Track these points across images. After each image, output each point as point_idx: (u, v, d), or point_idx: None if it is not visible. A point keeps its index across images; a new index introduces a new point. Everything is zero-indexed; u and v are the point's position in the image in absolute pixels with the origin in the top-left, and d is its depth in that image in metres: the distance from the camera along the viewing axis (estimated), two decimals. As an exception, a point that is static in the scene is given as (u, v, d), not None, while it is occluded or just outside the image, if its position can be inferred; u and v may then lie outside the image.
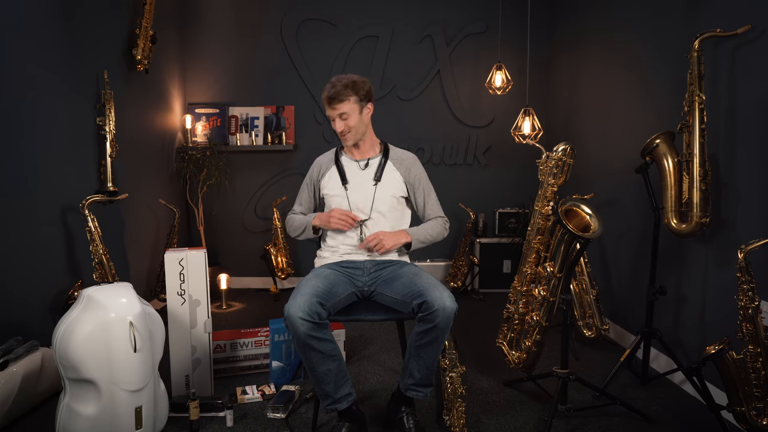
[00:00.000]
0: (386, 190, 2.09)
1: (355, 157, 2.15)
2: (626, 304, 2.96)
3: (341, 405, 1.87)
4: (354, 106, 2.02)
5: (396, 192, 2.11)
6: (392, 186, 2.11)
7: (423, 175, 2.17)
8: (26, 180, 2.41)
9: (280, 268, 4.06)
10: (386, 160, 2.13)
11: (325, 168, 2.18)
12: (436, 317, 1.75)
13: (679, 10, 2.46)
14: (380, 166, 2.11)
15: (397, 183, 2.12)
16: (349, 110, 2.02)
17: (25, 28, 2.41)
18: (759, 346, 1.76)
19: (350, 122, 2.03)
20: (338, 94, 2.01)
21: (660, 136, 2.26)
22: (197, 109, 4.19)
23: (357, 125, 2.05)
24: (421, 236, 2.10)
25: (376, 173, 2.10)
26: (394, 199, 2.10)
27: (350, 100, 2.01)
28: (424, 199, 2.16)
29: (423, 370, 1.88)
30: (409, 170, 2.14)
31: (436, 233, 2.13)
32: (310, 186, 2.21)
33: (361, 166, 2.12)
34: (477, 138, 4.26)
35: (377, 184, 2.09)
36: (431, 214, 2.17)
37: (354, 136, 2.07)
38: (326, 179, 2.16)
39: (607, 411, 2.16)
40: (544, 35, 4.15)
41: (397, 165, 2.13)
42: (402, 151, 2.20)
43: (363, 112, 2.06)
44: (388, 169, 2.12)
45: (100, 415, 1.73)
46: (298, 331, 1.75)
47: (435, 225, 2.14)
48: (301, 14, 4.16)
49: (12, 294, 2.32)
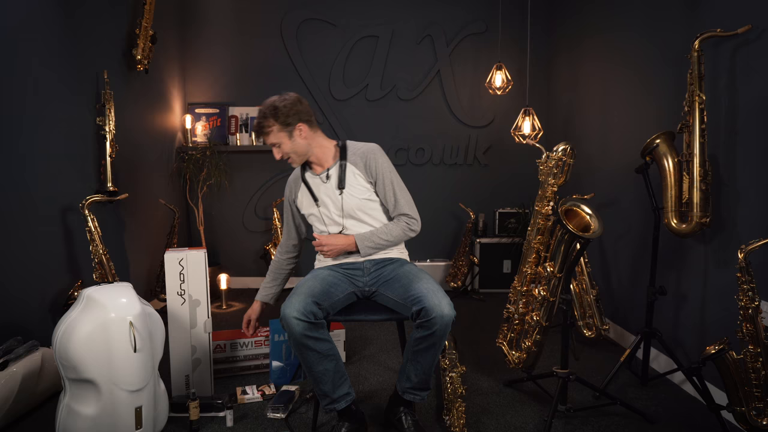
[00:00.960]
0: (351, 194, 2.00)
1: (316, 171, 2.05)
2: (626, 304, 2.96)
3: (339, 405, 1.88)
4: (280, 134, 1.94)
5: (359, 193, 2.00)
6: (356, 189, 2.00)
7: (386, 167, 2.01)
8: (26, 180, 2.41)
9: (280, 268, 4.06)
10: (345, 163, 2.02)
11: (295, 188, 2.12)
12: (434, 324, 1.75)
13: (679, 10, 2.46)
14: (341, 172, 2.00)
15: (356, 181, 2.00)
16: (277, 139, 1.95)
17: (26, 28, 2.41)
18: (759, 346, 1.76)
19: (284, 148, 1.97)
20: (260, 128, 1.95)
21: (660, 136, 2.26)
22: (197, 109, 4.19)
23: (293, 149, 1.97)
24: (372, 242, 1.98)
25: (338, 181, 2.00)
26: (363, 201, 2.00)
27: (273, 129, 1.94)
28: (389, 195, 2.01)
29: (420, 375, 1.89)
30: (368, 164, 2.00)
31: (394, 236, 2.00)
32: (289, 208, 2.18)
33: (324, 179, 2.03)
34: (477, 138, 4.26)
35: (342, 192, 2.00)
36: (395, 211, 2.02)
37: (297, 160, 2.01)
38: (300, 199, 2.11)
39: (607, 411, 2.16)
40: (544, 35, 4.15)
41: (355, 163, 2.01)
42: (360, 145, 2.06)
43: (294, 135, 1.96)
44: (349, 171, 2.01)
45: (100, 415, 1.73)
46: (293, 331, 1.75)
47: (393, 227, 2.01)
48: (301, 14, 4.16)
49: (12, 294, 2.32)
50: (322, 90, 4.22)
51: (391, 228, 2.01)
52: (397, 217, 2.03)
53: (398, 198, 2.02)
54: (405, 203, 2.03)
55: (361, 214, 2.01)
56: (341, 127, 4.23)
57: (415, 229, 2.04)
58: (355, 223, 2.02)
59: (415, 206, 2.06)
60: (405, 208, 2.02)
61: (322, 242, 1.99)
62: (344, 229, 2.03)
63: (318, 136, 2.04)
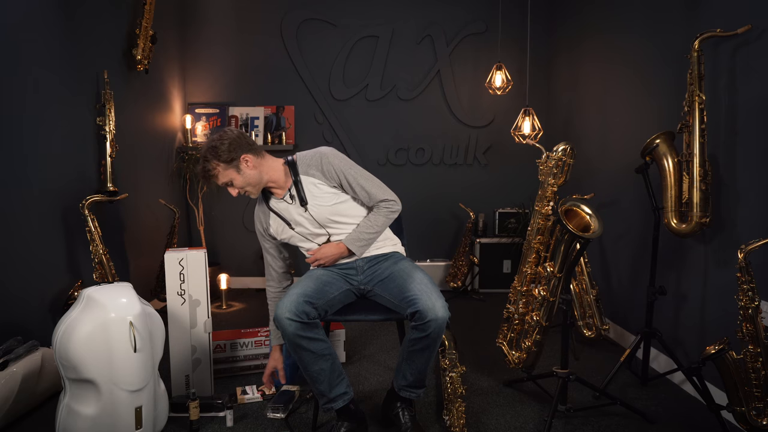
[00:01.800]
0: (317, 205, 1.95)
1: (278, 195, 2.00)
2: (626, 304, 2.96)
3: (337, 404, 1.88)
4: (228, 171, 1.90)
5: (327, 201, 1.95)
6: (318, 198, 1.95)
7: (342, 165, 1.96)
8: (26, 179, 2.41)
9: (280, 268, 4.06)
10: (298, 179, 1.96)
11: (264, 219, 2.06)
12: (429, 327, 1.75)
13: (679, 10, 2.46)
14: (297, 189, 1.95)
15: (320, 191, 1.96)
16: (226, 176, 1.90)
17: (26, 28, 2.41)
18: (759, 346, 1.76)
19: (237, 184, 1.92)
20: (207, 173, 1.90)
21: (660, 136, 2.26)
22: (197, 109, 4.19)
23: (246, 182, 1.92)
24: (361, 240, 1.96)
25: (300, 200, 1.95)
26: (333, 206, 1.96)
27: (218, 169, 1.89)
28: (358, 190, 1.96)
29: (416, 374, 1.89)
30: (325, 170, 1.95)
31: (380, 225, 1.97)
32: (265, 240, 2.10)
33: (289, 201, 1.98)
34: (477, 138, 4.26)
35: (307, 209, 1.96)
36: (370, 202, 1.98)
37: (254, 190, 1.96)
38: (274, 228, 2.04)
39: (607, 411, 2.16)
40: (544, 35, 4.15)
41: (309, 173, 1.96)
42: (310, 154, 1.99)
43: (241, 168, 1.90)
44: (306, 184, 1.96)
45: (100, 415, 1.73)
46: (286, 331, 1.76)
47: (375, 217, 1.97)
48: (301, 14, 4.16)
49: (12, 294, 2.32)
50: (322, 90, 4.22)
51: (374, 219, 1.97)
52: (376, 206, 1.98)
53: (368, 189, 1.96)
54: (377, 190, 1.97)
55: (339, 217, 1.98)
56: (341, 127, 4.23)
57: (397, 209, 1.99)
58: (338, 227, 2.00)
59: (386, 187, 2.01)
60: (379, 195, 1.97)
61: (316, 257, 1.99)
62: (329, 236, 2.01)
63: (267, 160, 1.97)
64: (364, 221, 1.99)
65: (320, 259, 1.99)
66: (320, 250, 2.00)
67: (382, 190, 1.98)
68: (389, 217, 1.99)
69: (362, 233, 1.97)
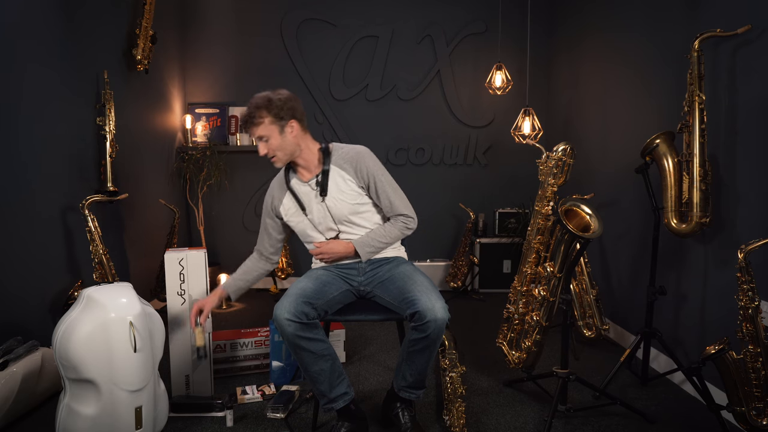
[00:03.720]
0: (337, 199, 1.93)
1: (304, 177, 1.98)
2: (626, 304, 2.96)
3: (337, 404, 1.88)
4: (272, 127, 1.86)
5: (350, 198, 1.94)
6: (342, 192, 1.94)
7: (376, 169, 1.95)
8: (26, 180, 2.41)
9: (280, 268, 4.06)
10: (328, 169, 1.94)
11: (279, 196, 2.03)
12: (428, 328, 1.75)
13: (679, 10, 2.46)
14: (323, 177, 1.93)
15: (347, 186, 1.94)
16: (267, 132, 1.86)
17: (26, 28, 2.41)
18: (759, 346, 1.76)
19: (272, 144, 1.88)
20: (251, 118, 1.86)
21: (660, 136, 2.26)
22: (197, 109, 4.19)
23: (281, 146, 1.89)
24: (371, 246, 1.95)
25: (321, 188, 1.93)
26: (354, 205, 1.95)
27: (265, 121, 1.85)
28: (383, 198, 1.95)
29: (416, 375, 1.89)
30: (358, 168, 1.94)
31: (393, 237, 1.97)
32: (269, 216, 2.07)
33: (313, 187, 1.96)
34: (477, 138, 4.26)
35: (325, 199, 1.93)
36: (390, 212, 1.97)
37: (282, 158, 1.92)
38: (284, 208, 2.01)
39: (607, 411, 2.16)
40: (544, 35, 4.16)
41: (343, 167, 1.95)
42: (348, 149, 1.99)
43: (285, 131, 1.88)
44: (333, 175, 1.94)
45: (100, 415, 1.73)
46: (285, 332, 1.75)
47: (391, 228, 1.97)
48: (301, 14, 4.16)
49: (12, 294, 2.31)
50: (322, 90, 4.22)
51: (389, 229, 1.98)
52: (394, 218, 1.99)
53: (393, 200, 1.96)
54: (400, 203, 1.97)
55: (355, 218, 1.97)
56: (341, 127, 4.23)
57: (412, 227, 2.00)
58: (350, 228, 1.99)
59: (409, 203, 2.01)
60: (401, 209, 1.97)
61: (322, 250, 1.97)
62: (339, 233, 2.00)
63: (307, 138, 1.96)
64: (378, 228, 1.99)
65: (326, 253, 1.96)
66: (328, 245, 1.97)
67: (404, 204, 1.98)
68: (404, 232, 1.99)
69: (374, 240, 1.96)
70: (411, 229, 2.00)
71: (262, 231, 2.11)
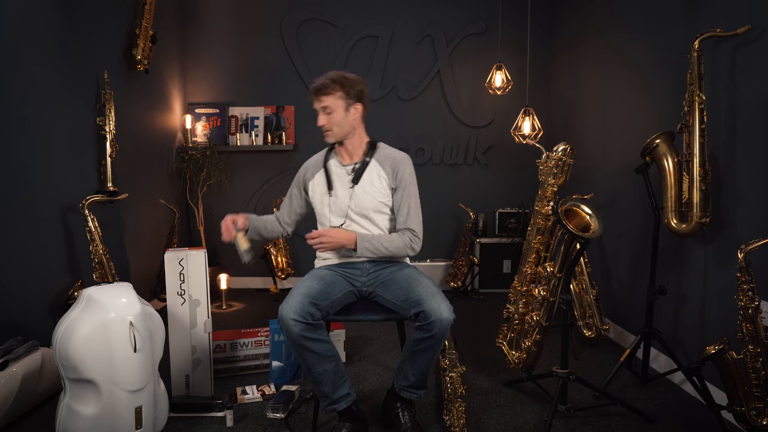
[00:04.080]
0: (365, 191, 1.98)
1: (344, 161, 2.04)
2: (626, 304, 2.96)
3: (340, 405, 1.87)
4: (339, 102, 1.93)
5: (378, 194, 1.98)
6: (373, 186, 1.98)
7: (410, 178, 2.01)
8: (26, 180, 2.41)
9: (280, 268, 4.07)
10: (370, 160, 2.00)
11: (312, 171, 2.09)
12: (433, 328, 1.75)
13: (679, 10, 2.46)
14: (361, 167, 1.99)
15: (380, 183, 1.99)
16: (334, 105, 1.93)
17: (26, 28, 2.41)
18: (759, 346, 1.76)
19: (334, 118, 1.93)
20: (324, 86, 1.92)
21: (660, 136, 2.26)
22: (197, 109, 4.19)
23: (341, 123, 1.95)
24: (372, 245, 1.93)
25: (355, 176, 1.99)
26: (378, 203, 1.98)
27: (336, 94, 1.92)
28: (403, 205, 1.98)
29: (418, 374, 1.89)
30: (396, 169, 1.99)
31: (395, 248, 1.95)
32: (298, 186, 2.13)
33: (348, 172, 2.01)
34: (477, 138, 4.26)
35: (354, 187, 1.98)
36: (404, 223, 1.98)
37: (336, 134, 1.97)
38: (313, 184, 2.07)
39: (607, 411, 2.16)
40: (544, 35, 4.16)
41: (383, 164, 2.00)
42: (392, 150, 2.05)
43: (349, 111, 1.95)
44: (371, 168, 1.99)
45: (100, 415, 1.73)
46: (291, 332, 1.75)
47: (396, 239, 1.96)
48: (301, 14, 4.16)
49: (12, 294, 2.32)
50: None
51: (394, 239, 1.96)
52: (403, 231, 1.98)
53: (410, 212, 1.98)
54: (415, 219, 1.99)
55: (373, 214, 1.99)
56: (341, 127, 4.22)
57: (416, 249, 1.99)
58: (361, 222, 2.01)
59: (422, 226, 2.02)
60: (413, 224, 1.98)
61: (321, 234, 1.90)
62: (346, 223, 2.01)
63: (362, 127, 2.04)
64: (385, 235, 1.99)
65: (325, 238, 1.90)
66: (330, 232, 1.93)
67: (418, 222, 2.00)
68: (406, 249, 1.98)
69: (378, 242, 1.95)
70: (414, 250, 1.99)
71: (286, 199, 2.19)
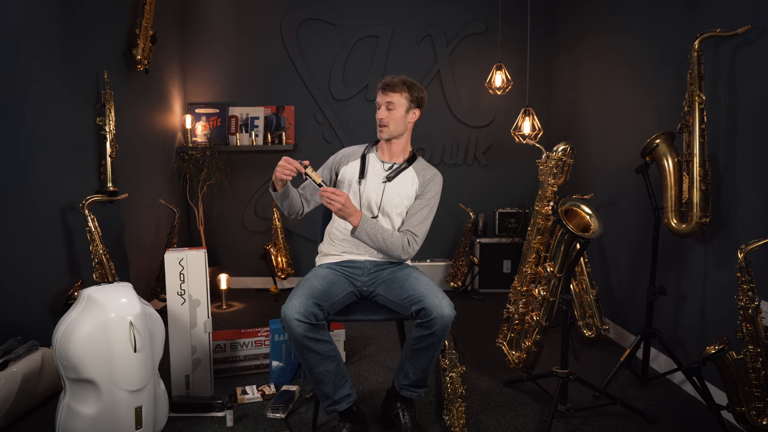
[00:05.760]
0: (395, 191, 2.06)
1: (384, 158, 2.13)
2: (626, 304, 2.96)
3: (341, 406, 1.87)
4: (403, 101, 2.06)
5: (405, 198, 2.06)
6: (403, 190, 2.06)
7: (435, 194, 2.09)
8: (26, 180, 2.41)
9: (280, 268, 4.07)
10: (408, 166, 2.10)
11: (349, 158, 2.15)
12: (434, 324, 1.75)
13: (679, 10, 2.46)
14: (398, 169, 2.09)
15: (411, 188, 2.07)
16: (398, 103, 2.05)
17: (26, 28, 2.41)
18: (759, 346, 1.76)
19: (394, 115, 2.05)
20: (393, 84, 2.05)
21: (660, 136, 2.26)
22: (197, 109, 4.19)
23: (398, 121, 2.06)
24: (372, 230, 1.94)
25: (390, 174, 2.07)
26: (403, 204, 2.06)
27: (402, 94, 2.05)
28: (416, 211, 2.06)
29: (418, 373, 1.89)
30: (428, 181, 2.08)
31: (391, 243, 1.96)
32: (330, 168, 2.16)
33: (385, 168, 2.10)
34: (477, 138, 4.26)
35: (386, 183, 2.06)
36: (409, 226, 2.04)
37: (391, 131, 2.06)
38: (347, 168, 2.13)
39: (607, 411, 2.16)
40: (544, 35, 4.15)
41: (419, 173, 2.10)
42: (431, 167, 2.16)
43: (408, 113, 2.08)
44: (407, 173, 2.09)
45: (100, 415, 1.73)
46: (294, 332, 1.75)
47: (395, 236, 1.98)
48: (301, 14, 4.16)
49: (12, 294, 2.32)
50: (322, 90, 4.22)
51: (394, 236, 1.98)
52: (405, 231, 2.03)
53: (419, 219, 2.04)
54: (421, 226, 2.04)
55: (392, 211, 2.05)
56: (341, 127, 4.23)
57: (410, 252, 2.02)
58: (380, 216, 2.06)
59: (424, 238, 2.07)
60: (417, 229, 2.03)
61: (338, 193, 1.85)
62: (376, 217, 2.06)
63: (410, 133, 2.15)
64: (386, 229, 2.00)
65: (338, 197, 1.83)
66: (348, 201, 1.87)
67: (422, 230, 2.05)
68: (403, 246, 1.99)
69: (377, 230, 1.95)
70: (408, 253, 2.02)
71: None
